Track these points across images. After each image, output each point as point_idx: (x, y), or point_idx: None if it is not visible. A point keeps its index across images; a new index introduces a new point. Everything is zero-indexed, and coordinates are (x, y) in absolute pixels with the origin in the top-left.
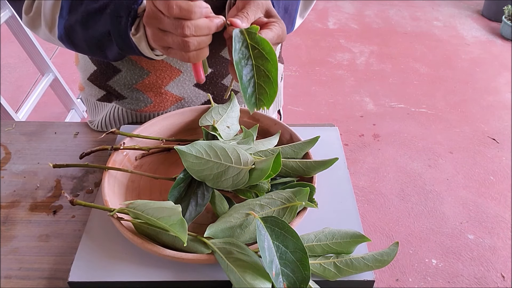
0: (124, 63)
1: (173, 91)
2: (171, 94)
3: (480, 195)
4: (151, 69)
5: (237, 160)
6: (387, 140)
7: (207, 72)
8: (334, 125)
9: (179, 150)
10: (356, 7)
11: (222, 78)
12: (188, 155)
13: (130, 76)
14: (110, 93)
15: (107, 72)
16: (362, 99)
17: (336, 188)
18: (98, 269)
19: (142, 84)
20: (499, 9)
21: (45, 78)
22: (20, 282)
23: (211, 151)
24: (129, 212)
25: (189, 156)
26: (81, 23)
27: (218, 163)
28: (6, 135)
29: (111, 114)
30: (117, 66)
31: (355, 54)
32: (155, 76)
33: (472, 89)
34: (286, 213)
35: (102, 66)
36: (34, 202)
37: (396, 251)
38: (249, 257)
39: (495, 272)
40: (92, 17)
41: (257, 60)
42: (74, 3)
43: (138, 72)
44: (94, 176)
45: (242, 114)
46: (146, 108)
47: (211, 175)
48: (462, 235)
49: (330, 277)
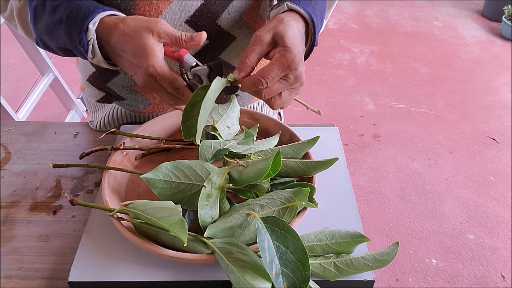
0: None
1: None
2: None
3: (480, 195)
4: None
5: (208, 177)
6: (387, 140)
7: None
8: (334, 125)
9: (146, 179)
10: (356, 7)
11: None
12: (156, 181)
13: (129, 78)
14: (109, 95)
15: (106, 74)
16: (362, 99)
17: (336, 188)
18: (98, 269)
19: None
20: (499, 9)
21: (45, 78)
22: (20, 282)
23: (179, 172)
24: (129, 212)
25: (158, 182)
26: (46, 33)
27: (190, 184)
28: (6, 135)
29: (111, 114)
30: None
31: (355, 54)
32: None
33: (472, 89)
34: (286, 213)
35: (100, 68)
36: (34, 202)
37: (396, 251)
38: (249, 257)
39: (495, 272)
40: (54, 30)
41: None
42: (38, 11)
43: None
44: (94, 176)
45: (242, 114)
46: (146, 110)
47: (185, 198)
48: (462, 235)
49: (330, 277)
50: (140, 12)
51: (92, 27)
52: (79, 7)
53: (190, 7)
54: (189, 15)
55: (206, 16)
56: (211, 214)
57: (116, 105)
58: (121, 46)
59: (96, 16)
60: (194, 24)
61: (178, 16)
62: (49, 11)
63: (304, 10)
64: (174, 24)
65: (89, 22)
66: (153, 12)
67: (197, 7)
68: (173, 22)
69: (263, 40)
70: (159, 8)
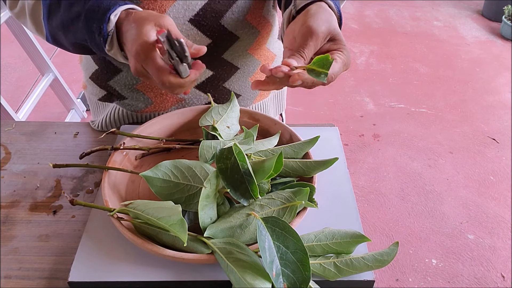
0: (125, 64)
1: None
2: (171, 95)
3: (480, 195)
4: None
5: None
6: (387, 140)
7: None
8: (334, 125)
9: (145, 177)
10: (356, 7)
11: (223, 81)
12: (155, 179)
13: (131, 77)
14: (111, 93)
15: (108, 72)
16: (362, 99)
17: (336, 188)
18: (98, 269)
19: (143, 85)
20: (499, 9)
21: (45, 78)
22: (20, 282)
23: (178, 171)
24: (129, 212)
25: (156, 180)
26: (61, 29)
27: (188, 185)
28: (6, 135)
29: (111, 115)
30: (118, 66)
31: (355, 54)
32: None
33: (472, 89)
34: (286, 213)
35: (103, 65)
36: (34, 202)
37: (396, 251)
38: (249, 257)
39: (495, 272)
40: (70, 25)
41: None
42: (53, 8)
43: None
44: (94, 176)
45: (242, 114)
46: (147, 109)
47: (183, 198)
48: (462, 235)
49: (330, 277)
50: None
51: (113, 18)
52: (100, 1)
53: (194, 6)
54: (193, 14)
55: (210, 16)
56: (210, 215)
57: (116, 106)
58: (126, 34)
59: (117, 9)
60: (197, 23)
61: (182, 15)
62: (66, 7)
63: (335, 5)
64: (178, 23)
65: (111, 13)
66: (157, 10)
67: (201, 6)
68: (177, 20)
69: (319, 36)
70: (163, 7)
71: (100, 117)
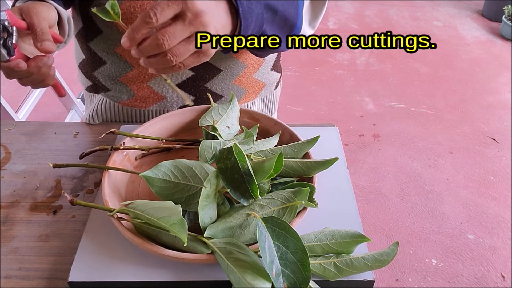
0: (110, 55)
1: (155, 88)
2: (153, 90)
3: (480, 195)
4: (134, 63)
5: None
6: (387, 140)
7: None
8: (334, 125)
9: (145, 177)
10: (356, 7)
11: (204, 82)
12: (155, 179)
13: (115, 69)
14: (96, 84)
15: (93, 63)
16: (362, 99)
17: (336, 188)
18: (98, 269)
19: (126, 77)
20: (499, 9)
21: None
22: (20, 282)
23: (178, 171)
24: (129, 212)
25: (156, 180)
26: None
27: (188, 185)
28: (6, 135)
29: (98, 107)
30: (103, 58)
31: (355, 54)
32: (138, 70)
33: (472, 89)
34: (286, 213)
35: (89, 55)
36: (34, 202)
37: (396, 251)
38: (249, 257)
39: (495, 272)
40: None
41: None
42: None
43: (122, 65)
44: (94, 176)
45: (242, 114)
46: (129, 101)
47: (183, 198)
48: (462, 235)
49: (330, 277)
50: (125, 7)
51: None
52: None
53: None
54: None
55: None
56: (210, 215)
57: (103, 97)
58: None
59: None
60: None
61: None
62: None
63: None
64: None
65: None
66: (138, 9)
67: None
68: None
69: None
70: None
71: (89, 109)
